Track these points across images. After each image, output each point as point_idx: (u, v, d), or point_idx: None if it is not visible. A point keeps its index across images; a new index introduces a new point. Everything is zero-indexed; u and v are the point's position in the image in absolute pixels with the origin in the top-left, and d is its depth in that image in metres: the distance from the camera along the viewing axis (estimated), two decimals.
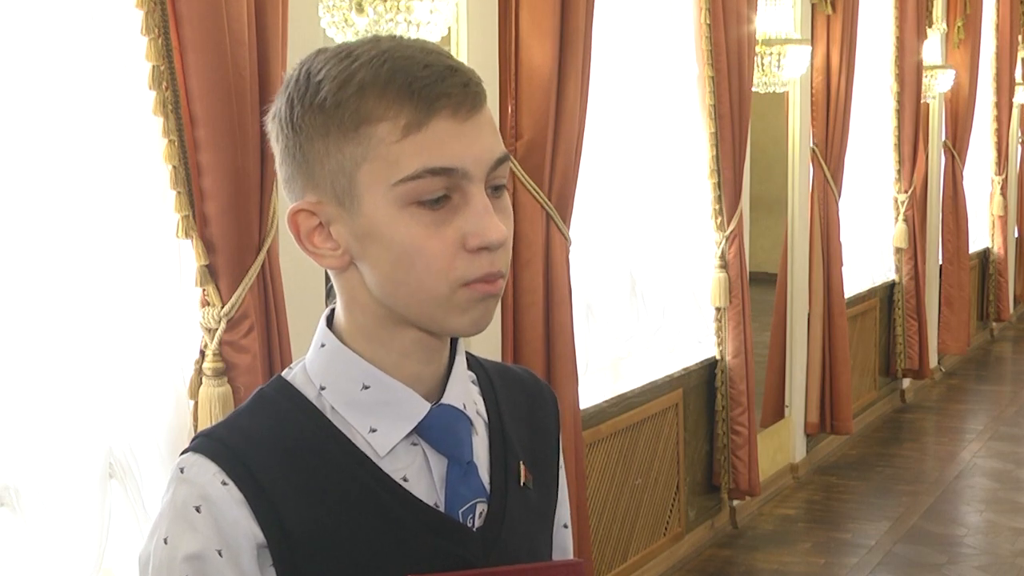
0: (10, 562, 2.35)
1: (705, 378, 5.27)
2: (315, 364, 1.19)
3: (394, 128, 1.10)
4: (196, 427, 2.60)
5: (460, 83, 1.11)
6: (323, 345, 1.19)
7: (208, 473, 1.12)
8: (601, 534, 4.53)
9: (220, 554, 1.10)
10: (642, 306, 4.87)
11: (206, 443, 1.15)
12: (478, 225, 1.11)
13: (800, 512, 5.84)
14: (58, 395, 2.40)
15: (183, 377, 2.62)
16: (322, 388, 1.17)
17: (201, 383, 2.60)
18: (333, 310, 1.21)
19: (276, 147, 1.17)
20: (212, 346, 2.58)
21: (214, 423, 1.23)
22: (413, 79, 1.09)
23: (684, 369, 5.13)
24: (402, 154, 1.10)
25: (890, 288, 7.70)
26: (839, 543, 5.42)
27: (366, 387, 1.16)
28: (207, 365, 2.59)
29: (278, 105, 1.16)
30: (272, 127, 1.16)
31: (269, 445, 1.15)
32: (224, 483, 1.11)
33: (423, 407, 1.18)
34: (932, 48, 7.92)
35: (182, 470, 1.14)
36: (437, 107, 1.10)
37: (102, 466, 2.47)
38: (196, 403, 2.60)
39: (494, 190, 1.14)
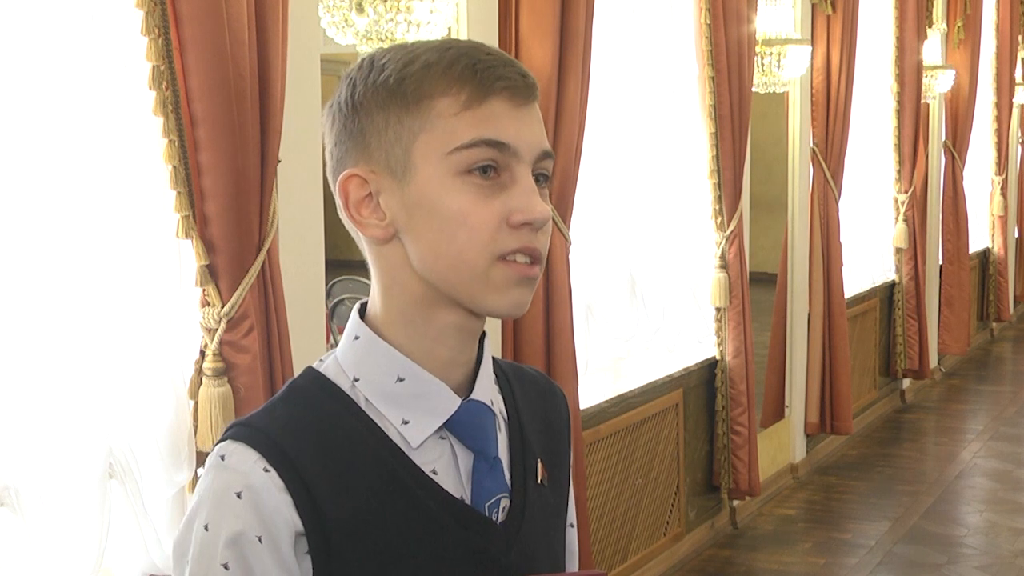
0: (10, 562, 2.35)
1: (705, 378, 5.27)
2: (348, 356, 1.20)
3: (454, 102, 1.15)
4: (196, 427, 2.60)
5: (519, 73, 1.18)
6: (357, 337, 1.20)
7: (249, 460, 1.13)
8: (601, 534, 4.53)
9: (260, 540, 1.12)
10: (642, 306, 4.87)
11: (245, 431, 1.16)
12: (523, 202, 1.15)
13: (800, 512, 5.84)
14: (58, 395, 2.40)
15: (183, 377, 2.62)
16: (355, 380, 1.19)
17: (201, 383, 2.60)
18: (364, 304, 1.23)
19: (330, 133, 1.20)
20: (212, 346, 2.58)
21: (245, 416, 1.23)
22: (476, 61, 1.16)
23: (684, 369, 5.13)
24: (459, 125, 1.15)
25: (890, 288, 7.70)
26: (839, 543, 5.42)
27: (400, 379, 1.18)
28: (207, 365, 2.59)
29: (336, 94, 1.20)
30: (328, 115, 1.20)
31: (305, 434, 1.16)
32: (266, 470, 1.13)
33: (454, 402, 1.20)
34: (932, 48, 7.92)
35: (222, 457, 1.14)
36: (496, 87, 1.16)
37: (102, 466, 2.47)
38: (196, 403, 2.60)
39: (537, 180, 1.19)
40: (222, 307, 2.57)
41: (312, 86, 2.96)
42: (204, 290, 2.58)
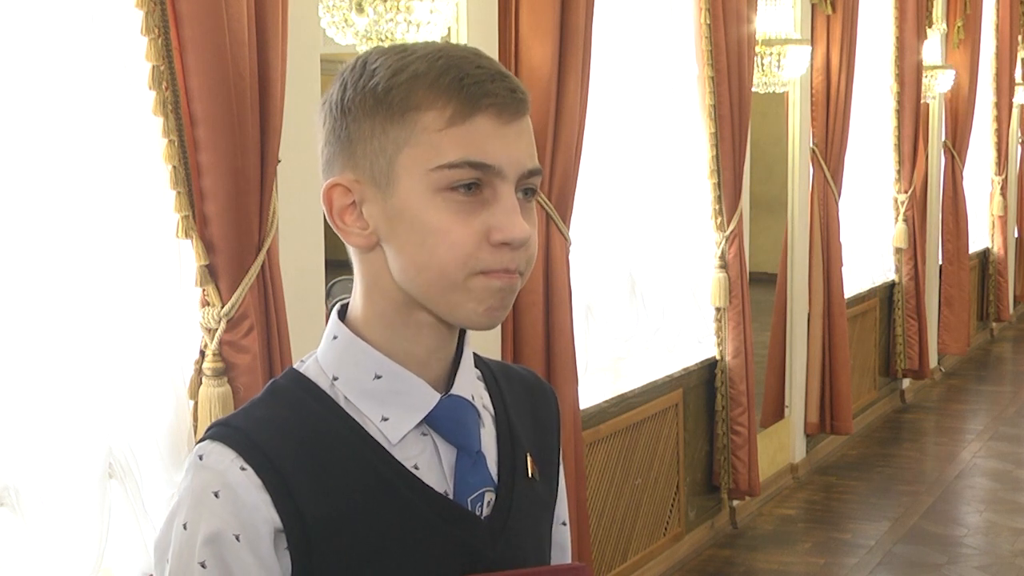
0: (10, 562, 2.35)
1: (705, 378, 5.27)
2: (327, 356, 1.21)
3: (439, 117, 1.14)
4: (196, 427, 2.60)
5: (508, 88, 1.16)
6: (335, 337, 1.21)
7: (227, 459, 1.14)
8: (601, 534, 4.53)
9: (238, 538, 1.13)
10: (642, 306, 4.87)
11: (223, 431, 1.17)
12: (503, 221, 1.15)
13: (800, 512, 5.84)
14: (58, 395, 2.40)
15: (183, 377, 2.62)
16: (335, 378, 1.20)
17: (201, 383, 2.60)
18: (344, 304, 1.24)
19: (321, 131, 1.21)
20: (212, 346, 2.58)
21: (224, 416, 1.24)
22: (465, 75, 1.14)
23: (684, 369, 5.13)
24: (444, 142, 1.14)
25: (890, 288, 7.70)
26: (839, 543, 5.42)
27: (378, 376, 1.19)
28: (207, 365, 2.59)
29: (330, 91, 1.20)
30: (320, 112, 1.21)
31: (285, 433, 1.17)
32: (243, 468, 1.14)
33: (433, 397, 1.20)
34: (932, 48, 7.92)
35: (200, 457, 1.16)
36: (483, 104, 1.15)
37: (102, 466, 2.47)
38: (196, 403, 2.60)
39: (524, 193, 1.19)
40: (222, 307, 2.57)
41: (312, 86, 2.96)
42: (204, 290, 2.58)
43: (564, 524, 1.40)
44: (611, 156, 4.59)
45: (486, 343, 3.61)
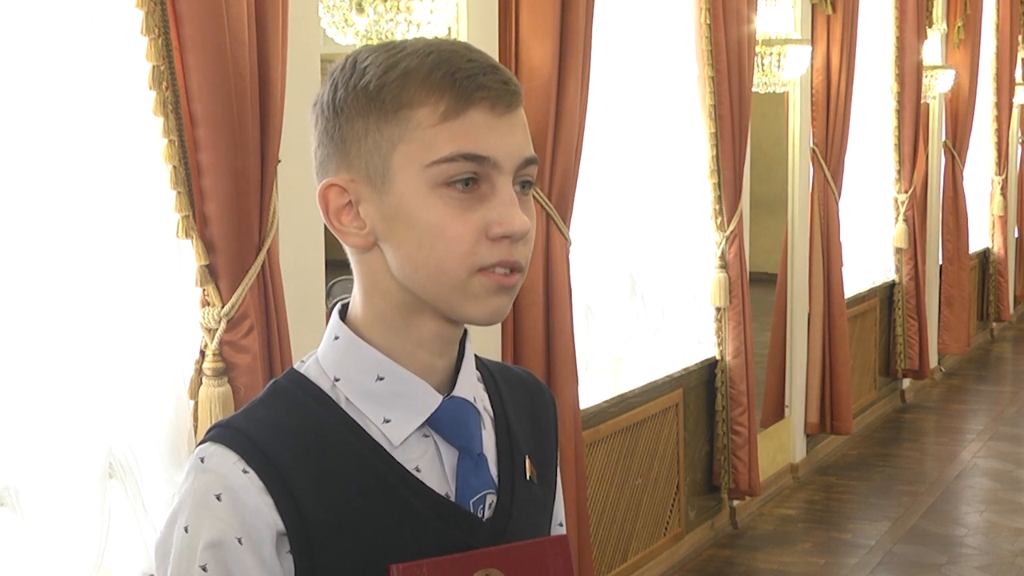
0: (10, 562, 2.35)
1: (705, 378, 5.27)
2: (329, 356, 1.21)
3: (432, 113, 1.14)
4: (196, 427, 2.60)
5: (500, 80, 1.16)
6: (337, 338, 1.21)
7: (229, 462, 1.14)
8: (601, 534, 4.53)
9: (240, 542, 1.12)
10: (642, 306, 4.87)
11: (225, 433, 1.16)
12: (502, 214, 1.14)
13: (800, 512, 5.84)
14: (58, 395, 2.40)
15: (183, 377, 2.62)
16: (336, 380, 1.19)
17: (201, 383, 2.60)
18: (345, 304, 1.23)
19: (314, 132, 1.20)
20: (212, 346, 2.58)
21: (226, 417, 1.23)
22: (456, 69, 1.14)
23: (684, 369, 5.13)
24: (438, 138, 1.14)
25: (890, 288, 7.70)
26: (839, 543, 5.42)
27: (380, 378, 1.19)
28: (207, 365, 2.59)
29: (321, 91, 1.19)
30: (313, 113, 1.20)
31: (286, 434, 1.16)
32: (245, 471, 1.13)
33: (435, 399, 1.20)
34: (932, 48, 7.92)
35: (202, 459, 1.15)
36: (476, 98, 1.14)
37: (102, 466, 2.47)
38: (196, 403, 2.60)
39: (521, 186, 1.18)
40: (222, 307, 2.57)
41: (312, 86, 2.96)
42: (204, 290, 2.58)
43: (560, 525, 1.41)
44: (611, 156, 4.59)
45: (486, 343, 3.61)
